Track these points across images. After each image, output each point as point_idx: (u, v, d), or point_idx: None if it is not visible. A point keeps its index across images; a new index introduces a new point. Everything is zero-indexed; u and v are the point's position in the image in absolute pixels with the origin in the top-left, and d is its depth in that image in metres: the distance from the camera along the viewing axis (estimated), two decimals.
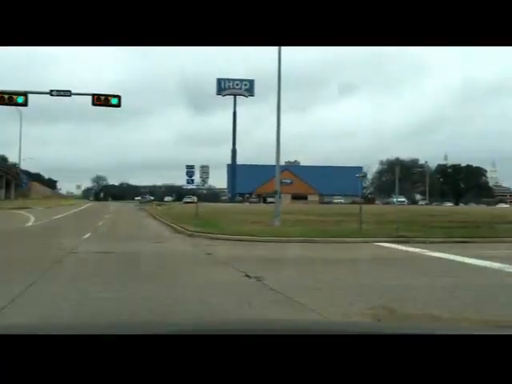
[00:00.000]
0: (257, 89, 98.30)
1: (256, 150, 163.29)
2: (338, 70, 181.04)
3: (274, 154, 22.67)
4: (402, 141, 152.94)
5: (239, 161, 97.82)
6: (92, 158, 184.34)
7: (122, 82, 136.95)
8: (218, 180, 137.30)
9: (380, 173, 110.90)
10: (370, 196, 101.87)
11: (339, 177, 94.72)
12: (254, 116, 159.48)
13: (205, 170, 30.61)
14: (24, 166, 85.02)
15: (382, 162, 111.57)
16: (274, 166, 23.92)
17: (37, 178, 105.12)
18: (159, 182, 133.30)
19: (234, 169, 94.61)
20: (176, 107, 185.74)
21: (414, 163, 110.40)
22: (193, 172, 30.89)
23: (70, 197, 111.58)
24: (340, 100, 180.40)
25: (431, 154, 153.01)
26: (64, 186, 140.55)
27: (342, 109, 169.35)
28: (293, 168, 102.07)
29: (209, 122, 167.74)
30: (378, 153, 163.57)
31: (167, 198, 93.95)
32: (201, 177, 30.73)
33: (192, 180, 30.87)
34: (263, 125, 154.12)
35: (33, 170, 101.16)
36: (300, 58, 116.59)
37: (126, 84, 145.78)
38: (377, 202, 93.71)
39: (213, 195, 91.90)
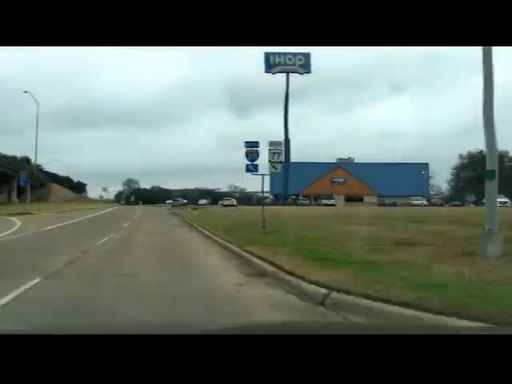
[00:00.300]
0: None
1: (297, 148, 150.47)
2: (393, 68, 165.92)
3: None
4: (467, 134, 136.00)
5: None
6: (124, 162, 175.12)
7: (156, 86, 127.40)
8: (248, 182, 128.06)
9: (458, 169, 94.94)
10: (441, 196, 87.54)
11: (401, 175, 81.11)
12: (297, 113, 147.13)
13: (276, 149, 18.50)
14: (53, 169, 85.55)
15: (461, 157, 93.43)
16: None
17: (65, 181, 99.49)
18: (191, 186, 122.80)
19: (287, 164, 72.44)
20: (215, 111, 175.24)
21: (502, 156, 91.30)
22: (256, 154, 18.89)
23: (99, 200, 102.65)
24: (390, 98, 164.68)
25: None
26: (96, 190, 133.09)
27: (393, 108, 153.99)
28: (346, 165, 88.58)
29: (243, 126, 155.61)
30: (435, 149, 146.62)
31: (202, 201, 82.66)
32: (270, 160, 18.56)
33: (254, 166, 18.84)
34: (308, 122, 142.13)
35: (63, 173, 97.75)
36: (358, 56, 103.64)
37: (158, 87, 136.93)
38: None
39: (247, 198, 79.63)
